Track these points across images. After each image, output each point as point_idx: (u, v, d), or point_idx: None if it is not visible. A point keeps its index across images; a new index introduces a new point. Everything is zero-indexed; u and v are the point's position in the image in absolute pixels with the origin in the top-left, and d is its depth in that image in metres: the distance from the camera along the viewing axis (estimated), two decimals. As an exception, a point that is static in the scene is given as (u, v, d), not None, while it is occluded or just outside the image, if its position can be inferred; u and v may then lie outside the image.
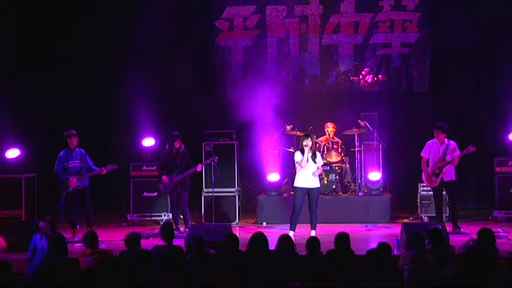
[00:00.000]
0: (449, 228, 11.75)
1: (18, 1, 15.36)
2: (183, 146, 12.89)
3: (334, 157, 14.52)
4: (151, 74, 15.27)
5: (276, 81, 16.01)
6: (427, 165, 12.63)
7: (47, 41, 15.55)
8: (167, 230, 9.29)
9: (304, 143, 11.93)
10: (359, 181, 14.45)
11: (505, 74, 15.09)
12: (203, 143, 13.92)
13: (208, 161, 12.98)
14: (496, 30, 15.07)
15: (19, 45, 15.43)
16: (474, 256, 7.48)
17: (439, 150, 12.51)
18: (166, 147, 12.93)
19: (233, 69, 16.24)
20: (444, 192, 12.94)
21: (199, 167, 12.85)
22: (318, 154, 12.17)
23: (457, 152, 12.41)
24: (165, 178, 12.72)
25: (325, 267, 8.30)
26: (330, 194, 14.19)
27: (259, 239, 8.77)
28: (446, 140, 12.50)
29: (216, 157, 12.97)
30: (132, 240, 8.87)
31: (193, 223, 12.70)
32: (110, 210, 14.96)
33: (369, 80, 15.73)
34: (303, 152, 11.91)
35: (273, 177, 14.35)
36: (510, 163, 13.97)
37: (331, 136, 14.68)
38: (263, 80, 15.95)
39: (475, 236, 9.01)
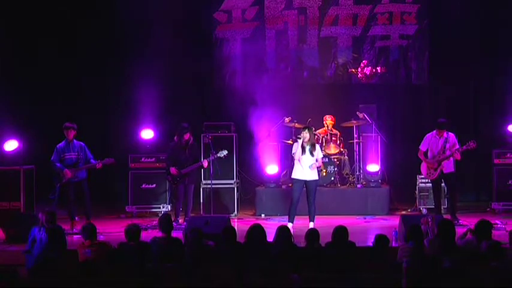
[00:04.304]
0: (447, 220, 11.77)
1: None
2: (191, 138, 12.87)
3: (332, 149, 14.54)
4: (150, 66, 15.24)
5: (274, 73, 16.05)
6: (426, 158, 12.64)
7: (46, 32, 15.55)
8: (166, 222, 9.30)
9: (300, 135, 11.95)
10: (357, 173, 14.45)
11: (504, 65, 15.07)
12: (202, 135, 13.91)
13: (213, 157, 12.84)
14: (495, 21, 15.07)
15: (17, 37, 15.41)
16: None
17: (438, 144, 12.52)
18: (175, 139, 12.87)
19: (232, 61, 16.22)
20: (443, 184, 12.96)
21: (205, 163, 12.81)
22: (317, 147, 12.16)
23: (457, 146, 12.42)
24: (173, 170, 12.68)
25: (324, 259, 8.32)
26: (328, 186, 14.21)
27: (257, 231, 8.79)
28: (445, 132, 12.51)
29: (225, 151, 12.91)
30: (133, 232, 8.87)
31: (192, 215, 12.69)
32: (109, 202, 14.98)
33: (368, 72, 15.73)
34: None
35: (272, 169, 14.36)
36: (508, 155, 13.99)
37: (329, 128, 14.70)
38: (262, 72, 15.99)
39: (472, 228, 9.03)
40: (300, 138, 11.93)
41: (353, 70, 15.87)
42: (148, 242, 8.96)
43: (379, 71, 15.78)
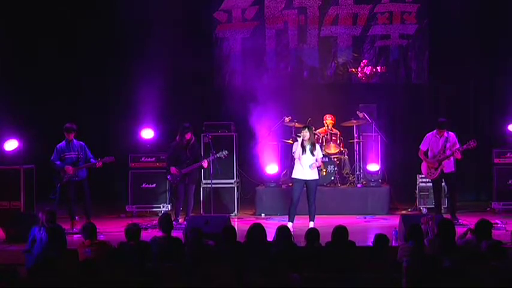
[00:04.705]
0: (447, 219, 11.77)
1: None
2: (193, 138, 12.88)
3: (332, 149, 14.54)
4: (150, 66, 15.24)
5: (274, 72, 16.05)
6: (426, 157, 12.64)
7: (46, 32, 15.56)
8: (166, 221, 9.30)
9: (300, 134, 11.96)
10: (358, 172, 14.45)
11: (504, 65, 15.09)
12: (202, 135, 13.91)
13: (213, 157, 12.85)
14: (495, 21, 15.07)
15: (17, 36, 15.41)
16: None
17: (439, 143, 12.52)
18: (177, 138, 12.88)
19: (232, 61, 16.23)
20: (443, 184, 12.96)
21: (205, 163, 12.82)
22: (318, 146, 12.16)
23: (457, 145, 12.42)
24: (173, 169, 12.70)
25: (324, 258, 8.32)
26: (328, 185, 14.20)
27: (258, 231, 8.79)
28: (445, 132, 12.51)
29: (225, 151, 12.93)
30: (133, 232, 8.86)
31: (192, 214, 12.70)
32: (109, 202, 15.00)
33: (368, 72, 15.73)
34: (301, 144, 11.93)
35: (272, 168, 14.36)
36: (509, 154, 13.98)
37: (329, 128, 14.70)
38: (262, 71, 16.00)
39: (472, 228, 9.04)
40: (299, 137, 11.94)
41: (353, 70, 15.87)
42: (148, 242, 8.96)
43: (379, 70, 15.78)
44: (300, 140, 11.91)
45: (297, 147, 11.93)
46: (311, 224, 11.65)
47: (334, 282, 7.50)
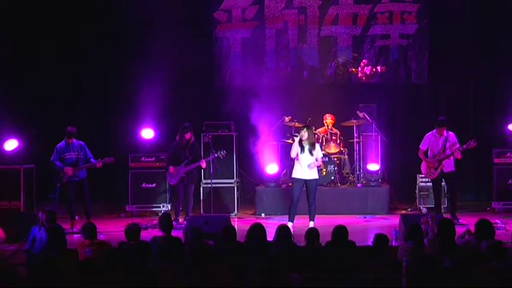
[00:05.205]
0: (447, 219, 11.76)
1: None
2: (193, 137, 12.90)
3: (332, 148, 14.54)
4: (150, 66, 15.24)
5: (274, 72, 16.05)
6: (426, 157, 12.65)
7: (46, 32, 15.57)
8: (166, 221, 9.30)
9: (298, 133, 11.96)
10: (358, 172, 14.46)
11: (504, 65, 15.09)
12: (202, 134, 13.92)
13: (213, 156, 12.86)
14: (495, 21, 15.06)
15: (17, 36, 15.42)
16: None
17: (439, 143, 12.52)
18: (177, 138, 12.92)
19: (232, 61, 16.22)
20: (443, 183, 12.96)
21: (203, 163, 12.83)
22: (317, 146, 12.15)
23: (457, 145, 12.42)
24: (171, 169, 12.74)
25: (324, 258, 8.32)
26: (328, 185, 14.21)
27: (258, 230, 8.78)
28: (445, 131, 12.51)
29: (224, 151, 12.94)
30: (133, 232, 8.86)
31: (192, 214, 12.70)
32: (109, 201, 15.01)
33: (368, 72, 15.73)
34: (299, 143, 11.93)
35: (272, 168, 14.36)
36: (508, 154, 13.98)
37: (329, 127, 14.70)
38: (262, 71, 15.99)
39: (472, 227, 9.05)
40: (296, 136, 11.94)
41: (353, 69, 15.87)
42: (148, 242, 8.96)
43: (379, 70, 15.78)
44: (297, 139, 11.91)
45: (293, 147, 11.93)
46: (311, 224, 11.65)
47: (334, 282, 7.50)
